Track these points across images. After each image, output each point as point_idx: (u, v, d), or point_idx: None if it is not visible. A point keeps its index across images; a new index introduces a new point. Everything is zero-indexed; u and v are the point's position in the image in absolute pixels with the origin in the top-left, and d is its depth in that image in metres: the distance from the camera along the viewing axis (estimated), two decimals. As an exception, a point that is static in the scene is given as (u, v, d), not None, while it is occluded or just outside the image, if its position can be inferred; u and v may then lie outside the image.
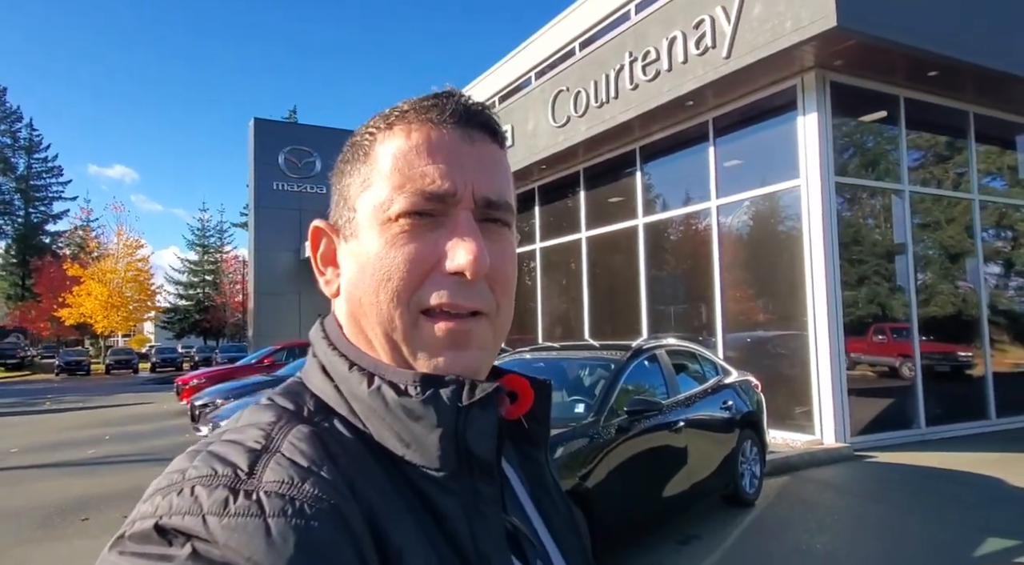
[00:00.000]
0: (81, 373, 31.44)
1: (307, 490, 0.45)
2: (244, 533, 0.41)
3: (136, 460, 8.35)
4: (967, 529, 4.84)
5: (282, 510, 0.43)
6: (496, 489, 0.56)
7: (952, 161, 9.36)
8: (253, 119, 28.91)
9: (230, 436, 0.51)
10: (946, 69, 7.75)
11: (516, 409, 0.65)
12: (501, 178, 0.60)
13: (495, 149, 0.61)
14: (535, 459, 0.71)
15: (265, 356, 14.93)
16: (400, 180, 0.56)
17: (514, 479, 0.67)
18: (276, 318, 27.56)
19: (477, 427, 0.54)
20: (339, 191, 0.62)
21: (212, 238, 52.76)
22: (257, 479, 0.45)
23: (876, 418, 8.10)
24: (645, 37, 9.08)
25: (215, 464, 0.46)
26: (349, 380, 0.57)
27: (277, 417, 0.53)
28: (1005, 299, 9.78)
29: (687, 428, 4.95)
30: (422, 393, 0.54)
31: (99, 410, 14.88)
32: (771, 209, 8.70)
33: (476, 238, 0.55)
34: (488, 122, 0.60)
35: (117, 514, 5.82)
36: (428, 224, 0.56)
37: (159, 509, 0.44)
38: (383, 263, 0.56)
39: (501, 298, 0.59)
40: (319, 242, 0.64)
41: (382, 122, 0.60)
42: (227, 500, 0.43)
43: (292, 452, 0.48)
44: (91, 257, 37.37)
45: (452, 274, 0.55)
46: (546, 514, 0.68)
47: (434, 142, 0.57)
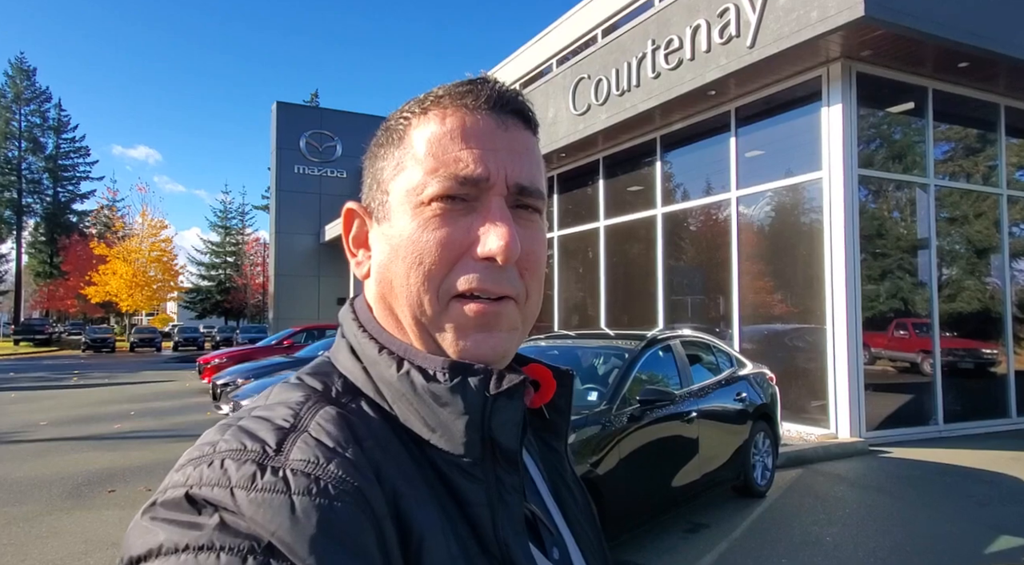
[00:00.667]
0: (106, 350, 32.02)
1: (332, 471, 0.46)
2: (270, 508, 0.43)
3: (160, 436, 8.57)
4: (979, 526, 4.83)
5: (307, 489, 0.44)
6: (519, 478, 0.56)
7: (981, 155, 9.20)
8: (276, 103, 29.12)
9: (260, 412, 0.52)
10: (977, 60, 7.60)
11: (538, 398, 0.66)
12: (533, 165, 0.60)
13: (528, 136, 0.61)
14: (555, 449, 0.71)
15: (285, 338, 15.17)
16: (434, 164, 0.57)
17: (533, 468, 0.68)
18: (295, 300, 27.91)
19: (503, 417, 0.54)
20: (372, 174, 0.63)
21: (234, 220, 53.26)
22: (284, 456, 0.46)
23: (893, 414, 8.05)
24: (668, 25, 9.00)
25: (245, 439, 0.48)
26: (378, 363, 0.58)
27: (306, 397, 0.54)
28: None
29: (699, 419, 4.98)
30: (450, 380, 0.54)
31: (124, 386, 15.24)
32: (792, 201, 8.63)
33: (508, 223, 0.56)
34: (522, 109, 0.61)
35: (142, 487, 6.00)
36: (461, 209, 0.56)
37: (190, 479, 0.45)
38: (415, 246, 0.56)
39: (531, 284, 0.59)
40: (351, 224, 0.65)
41: (417, 107, 0.60)
42: (255, 475, 0.44)
43: (319, 432, 0.49)
44: (117, 237, 37.95)
45: (483, 259, 0.55)
46: (563, 504, 0.69)
47: (468, 127, 0.57)
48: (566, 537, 0.66)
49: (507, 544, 0.53)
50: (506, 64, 17.11)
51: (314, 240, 28.81)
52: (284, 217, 28.62)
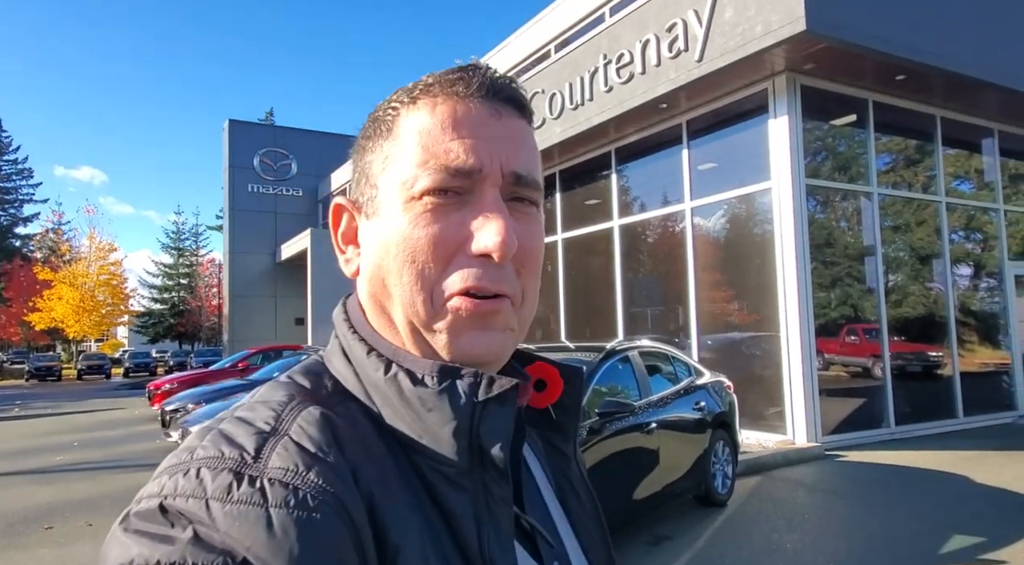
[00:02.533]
0: (52, 379, 30.73)
1: (311, 479, 0.44)
2: (245, 522, 0.41)
3: (105, 467, 8.18)
4: (934, 526, 4.91)
5: (284, 500, 0.42)
6: (508, 489, 0.53)
7: (921, 165, 9.53)
8: (227, 121, 28.56)
9: (241, 413, 0.50)
10: (913, 73, 7.88)
11: (544, 398, 0.64)
12: (529, 154, 0.58)
13: (523, 124, 0.59)
14: (562, 451, 0.68)
15: (239, 360, 14.76)
16: (424, 156, 0.54)
17: (538, 471, 0.66)
18: (251, 322, 27.23)
19: (493, 424, 0.51)
20: (360, 168, 0.61)
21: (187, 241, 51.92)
22: (263, 464, 0.44)
23: (847, 418, 8.20)
24: (619, 40, 9.13)
25: (223, 445, 0.46)
26: (366, 365, 0.55)
27: (290, 396, 0.52)
28: (972, 300, 9.97)
29: (659, 429, 4.96)
30: (438, 384, 0.52)
31: (69, 416, 14.59)
32: (744, 211, 8.79)
33: (504, 217, 0.53)
34: (516, 96, 0.58)
35: (82, 522, 5.70)
36: (454, 202, 0.54)
37: (164, 489, 0.44)
38: (407, 243, 0.54)
39: (527, 282, 0.57)
40: (340, 220, 0.63)
41: (405, 96, 0.58)
42: (231, 485, 0.43)
43: (300, 436, 0.47)
44: (62, 261, 36.60)
45: (478, 256, 0.53)
46: (570, 510, 0.66)
47: (460, 116, 0.55)
48: (571, 546, 0.63)
49: (492, 561, 0.50)
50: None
51: (270, 260, 28.21)
52: (238, 237, 27.98)
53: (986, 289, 10.16)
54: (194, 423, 7.14)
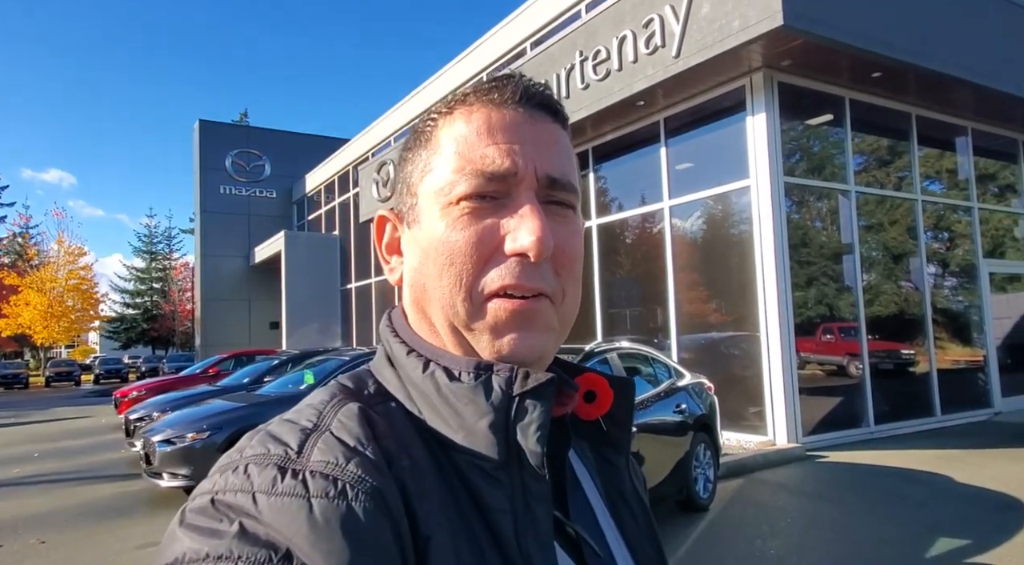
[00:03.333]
0: (18, 386, 29.97)
1: (351, 471, 0.45)
2: (288, 513, 0.43)
3: (65, 479, 7.83)
4: (918, 529, 4.82)
5: (325, 491, 0.44)
6: (546, 485, 0.53)
7: (897, 163, 9.53)
8: (198, 121, 28.04)
9: (289, 416, 0.52)
10: (889, 70, 7.86)
11: (594, 409, 0.64)
12: (564, 157, 0.59)
13: (557, 128, 0.60)
14: (614, 464, 0.68)
15: (210, 365, 14.37)
16: (461, 162, 0.56)
17: (588, 483, 0.66)
18: (224, 326, 26.72)
19: (527, 418, 0.52)
20: (402, 179, 0.62)
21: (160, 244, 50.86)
22: (305, 458, 0.46)
23: (826, 418, 8.14)
24: (595, 36, 8.99)
25: (269, 443, 0.48)
26: (406, 365, 0.57)
27: (332, 396, 0.54)
28: (947, 298, 9.99)
29: (639, 433, 4.81)
30: (474, 379, 0.53)
31: (32, 425, 14.08)
32: (723, 210, 8.70)
33: (539, 217, 0.54)
34: (549, 102, 0.60)
35: (34, 539, 5.38)
36: (490, 206, 0.55)
37: (216, 485, 0.46)
38: (445, 247, 0.55)
39: (567, 282, 0.57)
40: (383, 230, 0.64)
41: (443, 107, 0.60)
42: (275, 479, 0.45)
43: (340, 430, 0.49)
44: (30, 265, 35.67)
45: (515, 255, 0.54)
46: (622, 523, 0.65)
47: (495, 123, 0.56)
48: (621, 558, 0.62)
49: (530, 557, 0.50)
50: (436, 78, 16.92)
51: (244, 263, 27.70)
52: (210, 239, 27.43)
53: (961, 287, 10.20)
54: (157, 432, 6.83)
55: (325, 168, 24.46)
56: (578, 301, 0.60)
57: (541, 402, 0.52)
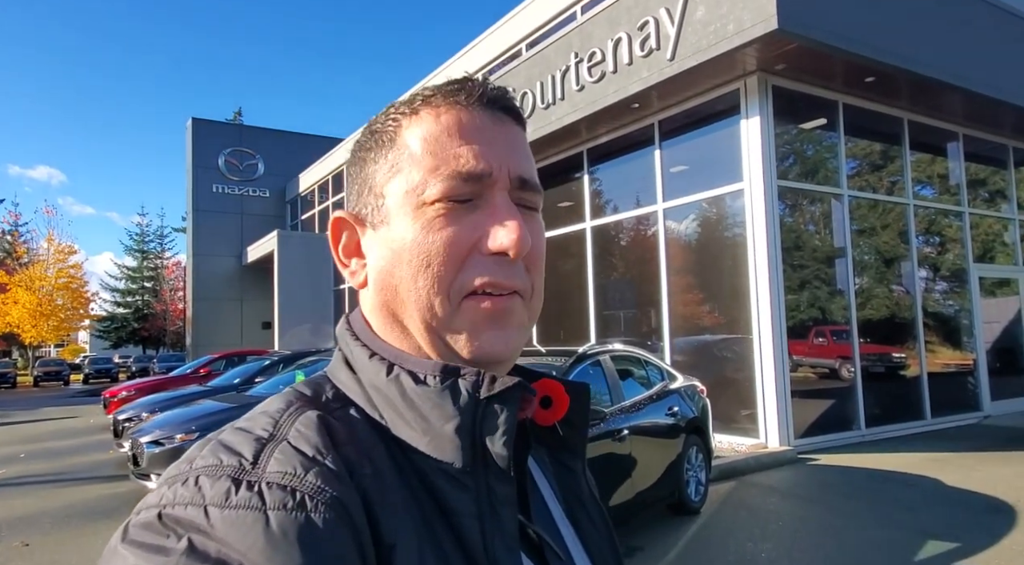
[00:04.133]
0: (6, 386, 29.69)
1: (310, 481, 0.44)
2: (243, 526, 0.41)
3: (50, 481, 7.75)
4: (909, 532, 4.82)
5: (283, 502, 0.42)
6: (511, 489, 0.52)
7: (888, 168, 9.57)
8: (191, 119, 27.86)
9: (241, 424, 0.51)
10: (882, 75, 7.89)
11: (550, 415, 0.64)
12: (529, 159, 0.60)
13: (519, 131, 0.61)
14: (571, 468, 0.68)
15: (201, 365, 14.27)
16: (433, 163, 0.55)
17: (546, 489, 0.65)
18: (216, 326, 26.54)
19: (494, 421, 0.51)
20: (362, 179, 0.61)
21: (152, 243, 50.52)
22: (261, 469, 0.44)
23: (818, 420, 8.15)
24: (590, 38, 8.99)
25: (221, 454, 0.46)
26: (368, 369, 0.56)
27: (288, 404, 0.53)
28: (938, 302, 10.04)
29: (631, 436, 4.80)
30: (440, 383, 0.53)
31: (19, 426, 13.94)
32: (716, 213, 8.71)
33: (517, 217, 0.55)
34: (512, 106, 0.60)
35: (18, 542, 5.32)
36: (465, 206, 0.55)
37: (163, 498, 0.44)
38: (420, 248, 0.54)
39: (536, 280, 0.59)
40: (340, 234, 0.62)
41: (406, 108, 0.59)
42: (229, 491, 0.43)
43: (298, 439, 0.47)
44: (19, 263, 35.36)
45: (494, 254, 0.54)
46: (580, 527, 0.65)
47: (465, 124, 0.56)
48: (581, 561, 0.62)
49: (496, 560, 0.50)
50: (430, 79, 16.88)
51: (236, 262, 27.54)
52: (202, 238, 27.25)
53: (952, 291, 10.25)
54: (146, 433, 6.77)
55: (319, 167, 24.38)
56: (542, 297, 0.61)
57: (508, 406, 0.52)
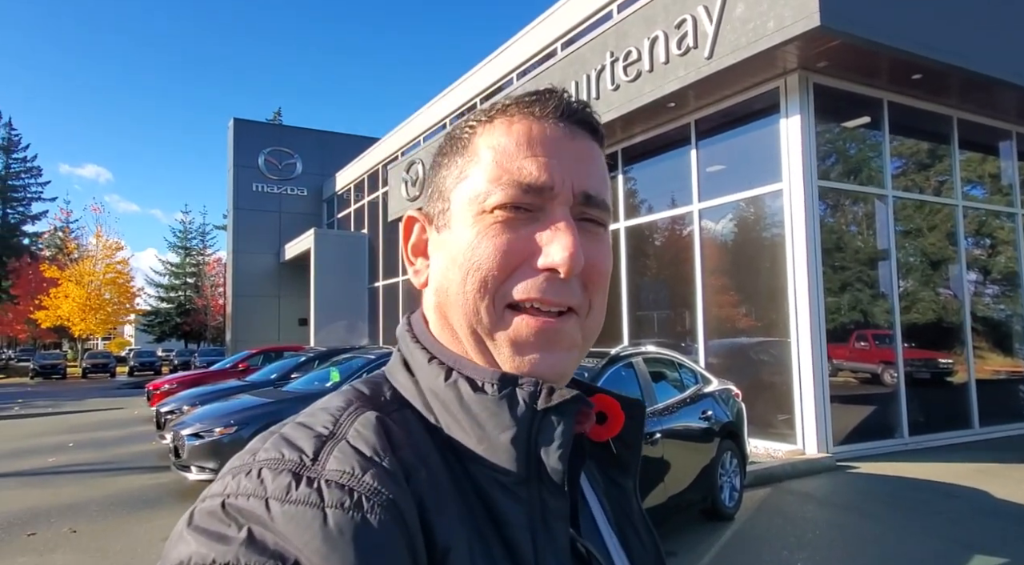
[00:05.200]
0: (56, 377, 30.75)
1: (367, 482, 0.45)
2: (302, 522, 0.42)
3: (98, 470, 8.02)
4: (952, 545, 4.67)
5: (340, 502, 0.43)
6: (564, 503, 0.53)
7: (936, 167, 9.27)
8: (232, 119, 28.51)
9: (302, 419, 0.52)
10: (930, 72, 7.63)
11: (604, 431, 0.64)
12: (600, 175, 0.59)
13: (595, 146, 0.60)
14: (621, 486, 0.68)
15: (240, 360, 14.61)
16: (498, 172, 0.55)
17: (596, 506, 0.65)
18: (254, 322, 27.13)
19: (551, 434, 0.51)
20: (435, 183, 0.61)
21: (194, 240, 51.96)
22: (320, 466, 0.45)
23: (858, 427, 7.94)
24: (626, 37, 8.91)
25: (283, 448, 0.47)
26: (427, 373, 0.56)
27: (348, 402, 0.53)
28: (988, 306, 9.69)
29: (664, 439, 4.75)
30: (498, 392, 0.52)
31: (68, 415, 14.46)
32: (753, 213, 8.55)
33: (573, 234, 0.54)
34: (589, 119, 0.59)
35: (67, 528, 5.51)
36: (524, 218, 0.55)
37: (228, 488, 0.45)
38: (473, 253, 0.54)
39: (594, 298, 0.57)
40: (411, 231, 0.64)
41: (483, 116, 0.59)
42: (290, 486, 0.44)
43: (356, 439, 0.48)
44: (69, 259, 36.64)
45: (545, 270, 0.54)
46: (629, 545, 0.65)
47: (535, 135, 0.56)
48: None
49: None
50: (467, 79, 16.95)
51: (274, 259, 28.10)
52: (242, 236, 27.89)
53: (1003, 295, 9.88)
54: (186, 426, 6.95)
55: (355, 167, 24.69)
56: (603, 315, 0.59)
57: (565, 419, 0.52)
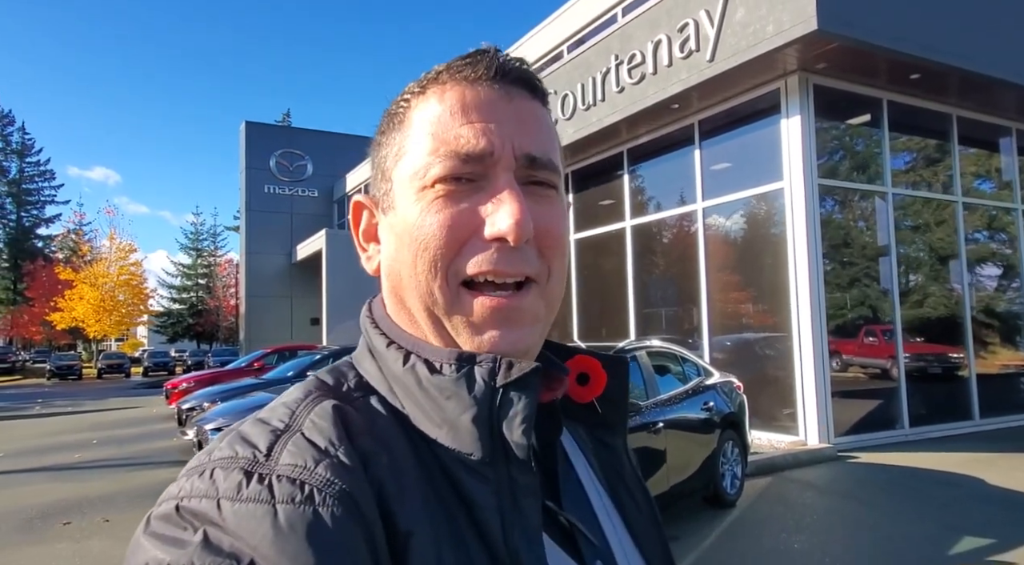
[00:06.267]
0: (72, 377, 31.11)
1: (319, 474, 0.44)
2: (252, 519, 0.41)
3: (122, 464, 8.32)
4: (943, 528, 4.88)
5: (291, 496, 0.42)
6: (533, 479, 0.52)
7: (936, 164, 9.43)
8: (244, 122, 28.91)
9: (262, 415, 0.51)
10: (928, 72, 7.81)
11: (588, 392, 0.63)
12: (544, 135, 0.56)
13: (536, 105, 0.57)
14: (610, 446, 0.67)
15: (255, 360, 14.91)
16: (434, 144, 0.53)
17: (583, 467, 0.63)
18: (267, 322, 27.51)
19: (513, 410, 0.50)
20: (376, 164, 0.60)
21: (206, 241, 52.52)
22: (273, 461, 0.45)
23: (860, 419, 8.14)
24: (630, 40, 9.12)
25: (238, 446, 0.46)
26: (387, 358, 0.55)
27: (306, 393, 0.52)
28: (988, 301, 9.84)
29: (666, 429, 4.97)
30: (456, 372, 0.51)
31: (88, 414, 14.82)
32: (756, 212, 8.75)
33: (518, 199, 0.52)
34: (526, 76, 0.57)
35: (99, 518, 5.81)
36: (467, 188, 0.53)
37: (182, 491, 0.45)
38: (419, 232, 0.53)
39: (552, 263, 0.55)
40: (360, 218, 0.62)
41: (416, 87, 0.57)
42: (240, 484, 0.43)
43: (311, 431, 0.47)
44: (83, 261, 37.18)
45: (493, 239, 0.52)
46: (622, 505, 0.64)
47: (469, 101, 0.54)
48: (623, 543, 0.61)
49: (517, 553, 0.49)
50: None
51: (286, 260, 28.48)
52: (254, 237, 28.31)
53: (1004, 290, 10.03)
54: (209, 421, 7.24)
55: (365, 167, 24.85)
56: (564, 281, 0.58)
57: (526, 393, 0.50)
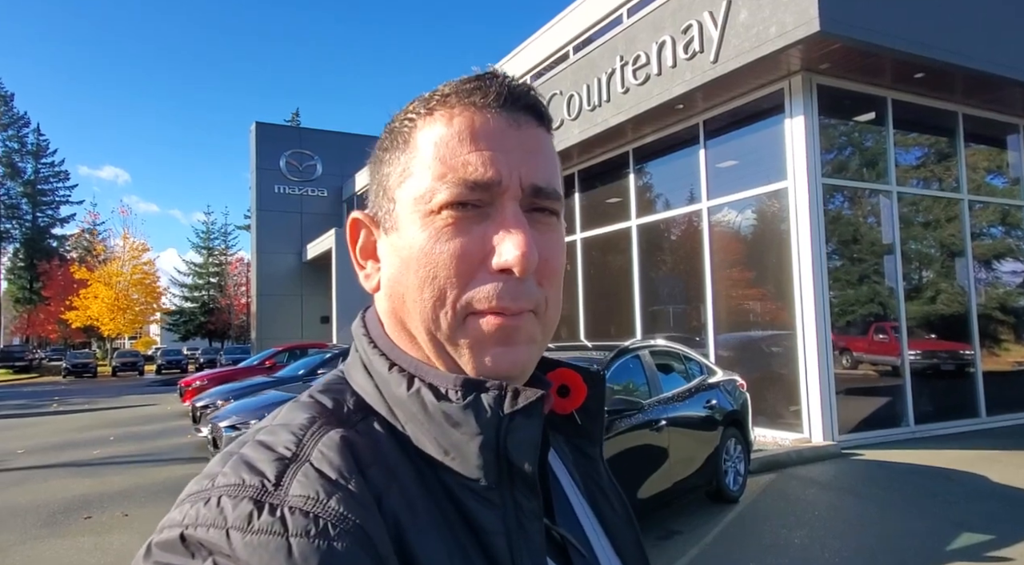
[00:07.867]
0: (88, 375, 31.51)
1: (332, 507, 0.43)
2: (265, 552, 0.40)
3: (139, 461, 8.52)
4: (944, 523, 4.96)
5: (305, 530, 0.41)
6: (538, 503, 0.52)
7: (942, 162, 9.45)
8: (254, 123, 29.21)
9: (263, 437, 0.50)
10: (932, 71, 7.84)
11: (568, 403, 0.64)
12: (549, 164, 0.57)
13: (542, 133, 0.57)
14: (589, 456, 0.68)
15: (267, 358, 15.10)
16: (442, 169, 0.53)
17: (564, 477, 0.65)
18: (278, 320, 27.82)
19: (520, 437, 0.51)
20: (377, 181, 0.60)
21: (217, 240, 52.95)
22: (283, 492, 0.44)
23: (866, 417, 8.20)
24: (635, 41, 9.21)
25: (243, 472, 0.45)
26: (389, 381, 0.55)
27: (311, 419, 0.51)
28: (995, 298, 9.85)
29: (669, 427, 5.08)
30: (463, 398, 0.51)
31: (105, 412, 15.07)
32: (760, 211, 8.82)
33: (525, 232, 0.52)
34: (535, 105, 0.57)
35: (119, 512, 5.99)
36: (474, 216, 0.53)
37: (186, 518, 0.43)
38: (428, 259, 0.53)
39: (549, 292, 0.56)
40: (358, 234, 0.62)
41: (422, 107, 0.57)
42: (251, 514, 0.42)
43: (321, 462, 0.46)
44: (98, 260, 37.64)
45: (500, 271, 0.52)
46: (601, 513, 0.66)
47: (478, 128, 0.54)
48: (604, 550, 0.63)
49: None
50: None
51: (296, 259, 28.77)
52: (265, 237, 28.62)
53: (1010, 287, 10.03)
54: (223, 418, 7.42)
55: (372, 169, 25.12)
56: (559, 309, 0.59)
57: (532, 420, 0.51)
